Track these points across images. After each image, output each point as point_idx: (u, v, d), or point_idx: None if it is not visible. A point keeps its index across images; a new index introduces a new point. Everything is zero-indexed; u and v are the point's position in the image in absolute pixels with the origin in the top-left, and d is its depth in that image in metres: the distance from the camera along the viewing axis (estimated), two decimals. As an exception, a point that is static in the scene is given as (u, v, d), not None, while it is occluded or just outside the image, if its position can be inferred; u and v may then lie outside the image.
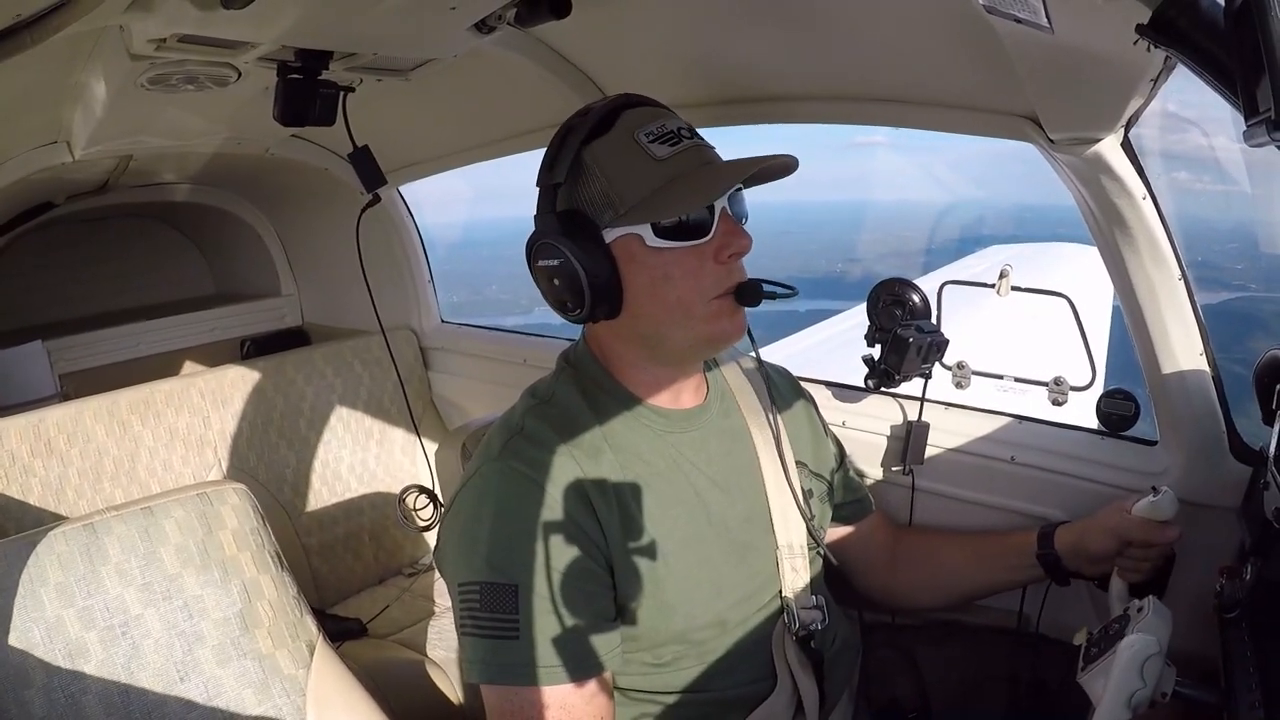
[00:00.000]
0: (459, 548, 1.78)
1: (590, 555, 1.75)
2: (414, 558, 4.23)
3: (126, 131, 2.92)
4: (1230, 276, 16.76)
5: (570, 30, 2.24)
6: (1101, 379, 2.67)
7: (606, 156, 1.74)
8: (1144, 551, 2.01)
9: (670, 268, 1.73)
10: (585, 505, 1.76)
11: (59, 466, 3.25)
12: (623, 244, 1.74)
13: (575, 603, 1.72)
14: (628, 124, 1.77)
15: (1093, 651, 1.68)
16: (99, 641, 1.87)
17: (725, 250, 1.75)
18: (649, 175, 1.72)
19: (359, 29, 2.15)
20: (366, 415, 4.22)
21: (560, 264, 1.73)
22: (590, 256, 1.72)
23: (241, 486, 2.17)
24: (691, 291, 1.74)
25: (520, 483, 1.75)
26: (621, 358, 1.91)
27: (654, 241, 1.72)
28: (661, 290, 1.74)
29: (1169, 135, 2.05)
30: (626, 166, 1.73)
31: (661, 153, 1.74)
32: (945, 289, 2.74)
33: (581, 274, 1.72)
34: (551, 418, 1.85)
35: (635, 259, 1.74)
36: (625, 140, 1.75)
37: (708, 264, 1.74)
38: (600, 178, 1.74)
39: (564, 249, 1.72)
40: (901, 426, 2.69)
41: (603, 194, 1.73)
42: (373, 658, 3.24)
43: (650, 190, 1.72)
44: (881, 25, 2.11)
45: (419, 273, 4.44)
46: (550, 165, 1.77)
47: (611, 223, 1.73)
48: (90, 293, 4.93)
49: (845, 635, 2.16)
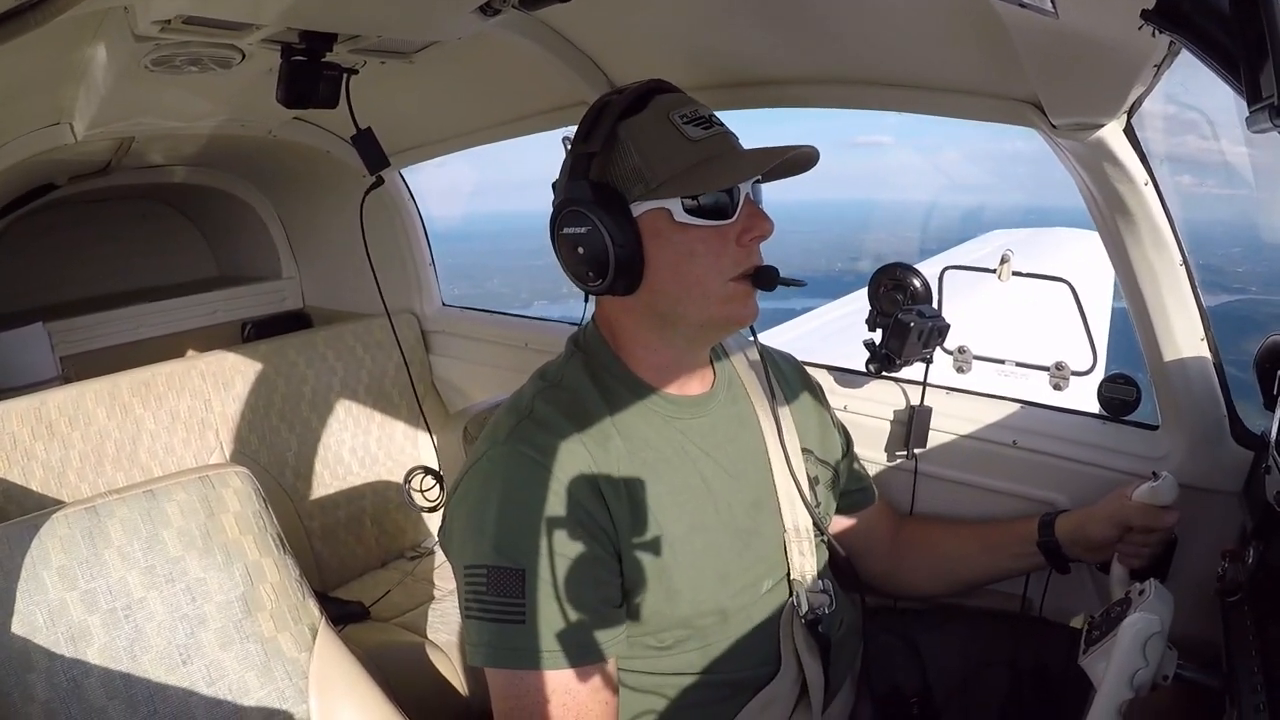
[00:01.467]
0: (466, 530, 1.78)
1: (598, 541, 1.75)
2: (416, 541, 4.23)
3: (129, 113, 2.92)
4: (1231, 279, 16.79)
5: (574, 13, 2.24)
6: (1103, 364, 2.67)
7: (641, 132, 1.75)
8: (1145, 537, 2.02)
9: (695, 244, 1.74)
10: (593, 491, 1.76)
11: (60, 449, 3.25)
12: (650, 219, 1.74)
13: (582, 588, 1.72)
14: (661, 105, 1.78)
15: (1094, 634, 1.69)
16: (101, 625, 1.88)
17: (748, 233, 1.76)
18: (682, 153, 1.73)
19: (363, 11, 2.15)
20: (368, 398, 4.22)
21: (587, 232, 1.74)
22: (618, 226, 1.72)
23: (243, 469, 2.17)
24: (712, 270, 1.75)
25: (528, 467, 1.75)
26: (633, 338, 1.91)
27: (682, 217, 1.72)
28: (684, 266, 1.75)
29: (1172, 139, 2.05)
30: (660, 143, 1.74)
31: (695, 134, 1.75)
32: (946, 274, 2.74)
33: (609, 243, 1.72)
34: (561, 402, 1.85)
35: (661, 234, 1.74)
36: (660, 118, 1.76)
37: (730, 245, 1.75)
38: (633, 153, 1.74)
39: (593, 217, 1.72)
40: (904, 411, 2.69)
41: (634, 169, 1.74)
42: (375, 641, 3.24)
43: (683, 167, 1.72)
44: (885, 10, 2.10)
45: (420, 256, 4.44)
46: (586, 135, 1.78)
47: (641, 196, 1.73)
48: (91, 274, 4.93)
49: (850, 620, 2.16)
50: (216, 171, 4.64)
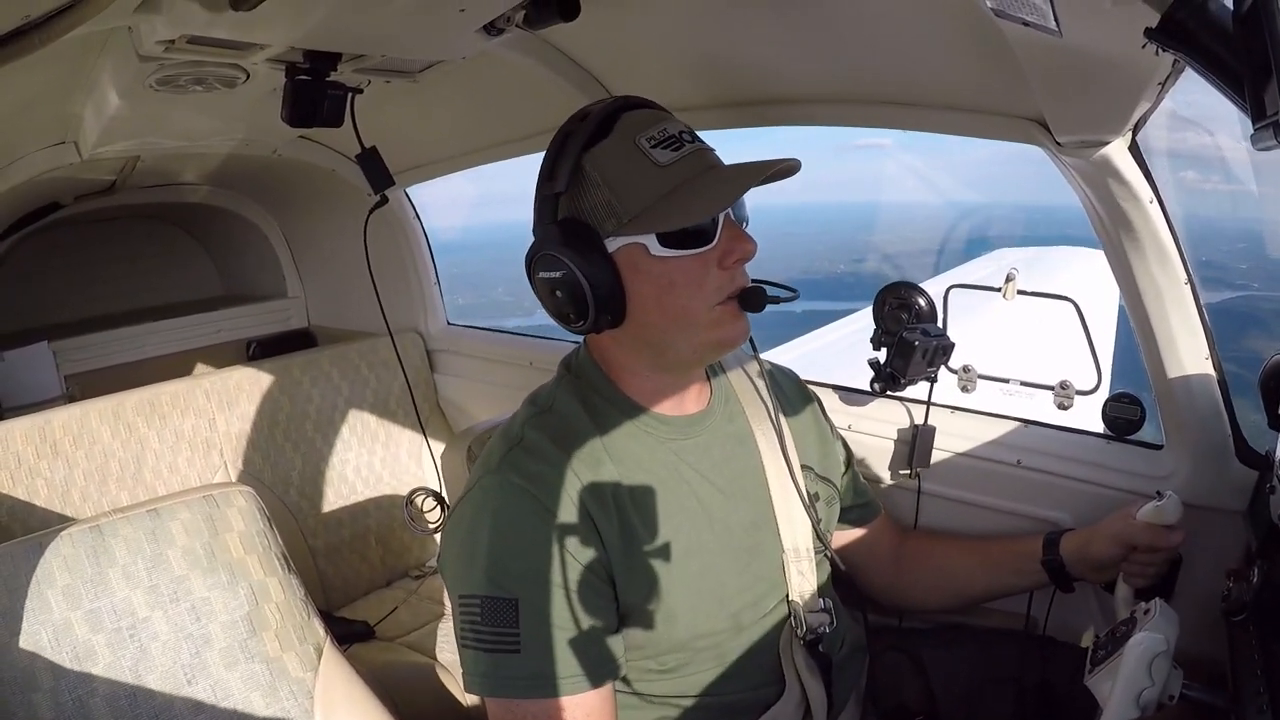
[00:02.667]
0: (459, 560, 1.77)
1: (591, 568, 1.74)
2: (421, 560, 4.23)
3: (135, 132, 2.92)
4: (1235, 276, 16.82)
5: (578, 33, 2.24)
6: (1107, 383, 2.67)
7: (608, 163, 1.72)
8: (1149, 556, 2.01)
9: (674, 275, 1.71)
10: (585, 518, 1.75)
11: (65, 468, 3.25)
12: (626, 253, 1.72)
13: (577, 616, 1.72)
14: (628, 128, 1.75)
15: (1100, 654, 1.69)
16: (106, 644, 1.88)
17: (730, 256, 1.73)
18: (652, 183, 1.70)
19: (368, 31, 2.15)
20: (372, 418, 4.22)
21: (562, 275, 1.71)
22: (593, 267, 1.70)
23: (248, 489, 2.17)
24: (696, 299, 1.73)
25: (518, 497, 1.74)
26: (624, 366, 1.90)
27: (659, 251, 1.70)
28: (666, 299, 1.73)
29: (1174, 134, 2.05)
30: (629, 174, 1.71)
31: (664, 158, 1.71)
32: (951, 293, 2.74)
33: (585, 285, 1.70)
34: (551, 427, 1.84)
35: (639, 268, 1.72)
36: (627, 146, 1.73)
37: (711, 270, 1.73)
38: (602, 186, 1.72)
39: (566, 260, 1.69)
40: (908, 430, 2.69)
41: (605, 203, 1.71)
42: (380, 660, 3.24)
43: (654, 198, 1.70)
44: (889, 28, 2.11)
45: (425, 275, 4.43)
46: (550, 174, 1.75)
47: (614, 231, 1.71)
48: (96, 293, 4.94)
49: (853, 639, 2.15)
50: (222, 191, 4.64)
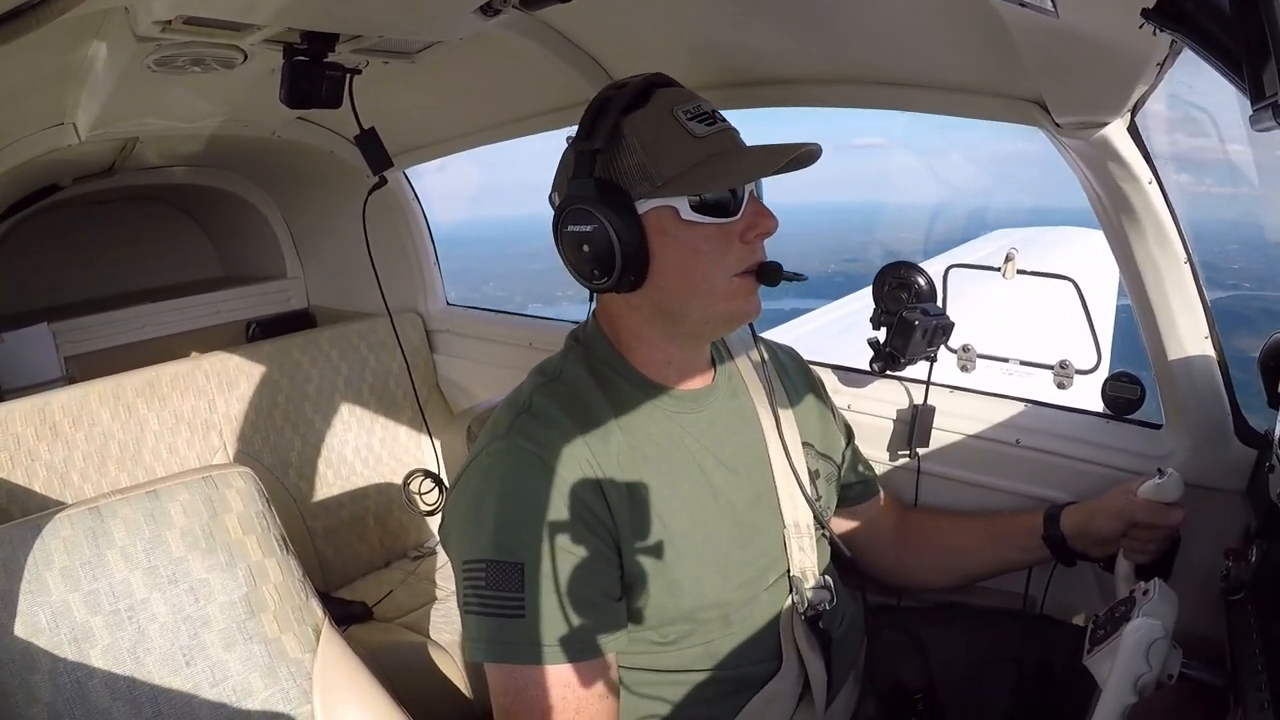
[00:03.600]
0: (465, 526, 1.78)
1: (597, 535, 1.75)
2: (419, 541, 4.23)
3: (132, 113, 2.92)
4: (1226, 275, 16.89)
5: (576, 13, 2.24)
6: (1107, 362, 2.67)
7: (645, 128, 1.74)
8: (1150, 533, 2.02)
9: (700, 242, 1.74)
10: (593, 485, 1.76)
11: (64, 450, 3.26)
12: (655, 216, 1.73)
13: (581, 583, 1.72)
14: (664, 100, 1.77)
15: (1099, 634, 1.69)
16: (105, 625, 1.88)
17: (753, 230, 1.76)
18: (688, 150, 1.73)
19: (365, 11, 2.15)
20: (372, 398, 4.22)
21: (594, 230, 1.72)
22: (625, 225, 1.71)
23: (247, 470, 2.17)
24: (717, 267, 1.75)
25: (527, 461, 1.74)
26: (636, 334, 1.91)
27: (689, 215, 1.72)
28: (689, 264, 1.75)
29: (1169, 136, 2.05)
30: (665, 140, 1.73)
31: (699, 130, 1.74)
32: (951, 272, 2.73)
33: (615, 241, 1.71)
34: (560, 396, 1.85)
35: (667, 232, 1.73)
36: (664, 115, 1.75)
37: (734, 243, 1.76)
38: (638, 149, 1.73)
39: (600, 215, 1.71)
40: (907, 410, 2.69)
41: (639, 166, 1.73)
42: (378, 641, 3.24)
43: (689, 164, 1.72)
44: (888, 9, 2.10)
45: (425, 255, 4.44)
46: (589, 132, 1.76)
47: (646, 194, 1.72)
48: (95, 275, 4.94)
49: (853, 616, 2.16)
50: (220, 172, 4.64)
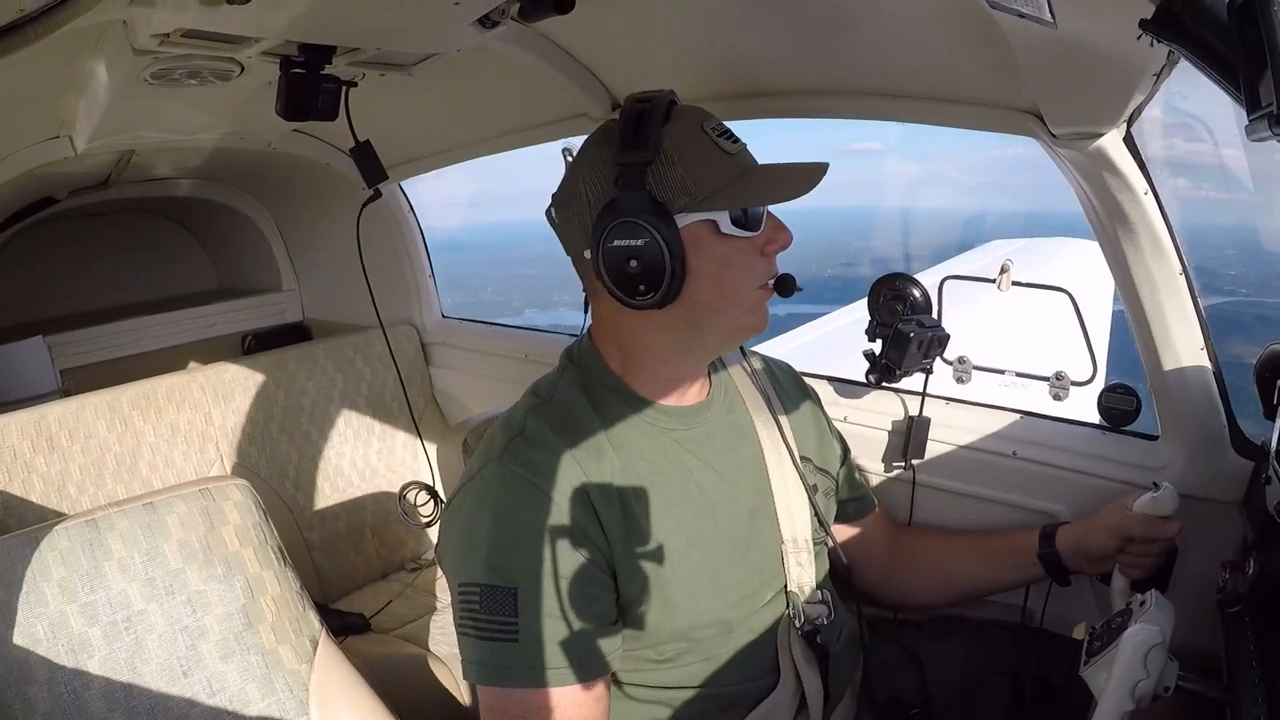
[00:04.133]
0: (459, 548, 1.78)
1: (591, 558, 1.75)
2: (416, 553, 4.22)
3: (129, 126, 2.92)
4: (1223, 281, 16.93)
5: (573, 25, 2.24)
6: (1103, 374, 2.67)
7: (683, 143, 1.74)
8: (1146, 547, 2.02)
9: (733, 255, 1.76)
10: (587, 508, 1.76)
11: (60, 462, 3.25)
12: (692, 230, 1.72)
13: (575, 606, 1.72)
14: (691, 116, 1.78)
15: (1095, 645, 1.69)
16: (102, 637, 1.88)
17: (773, 244, 1.80)
18: (724, 165, 1.74)
19: (362, 23, 2.15)
20: (368, 411, 4.22)
21: (644, 244, 1.69)
22: (674, 238, 1.70)
23: (243, 482, 2.18)
24: (746, 280, 1.78)
25: (520, 486, 1.74)
26: (647, 349, 1.89)
27: (728, 229, 1.73)
28: (724, 276, 1.76)
29: (1165, 140, 2.06)
30: (701, 155, 1.74)
31: (729, 147, 1.77)
32: (946, 284, 2.74)
33: (666, 256, 1.69)
34: (553, 417, 1.84)
35: (703, 245, 1.73)
36: (695, 130, 1.76)
37: (756, 256, 1.79)
38: (677, 164, 1.72)
39: (652, 229, 1.69)
40: (902, 421, 2.69)
41: (679, 179, 1.71)
42: (376, 653, 3.23)
43: (726, 180, 1.73)
44: (886, 21, 2.11)
45: (420, 268, 4.44)
46: (636, 142, 1.72)
47: (686, 208, 1.72)
48: (92, 287, 4.93)
49: (850, 631, 2.16)
50: (216, 184, 4.64)
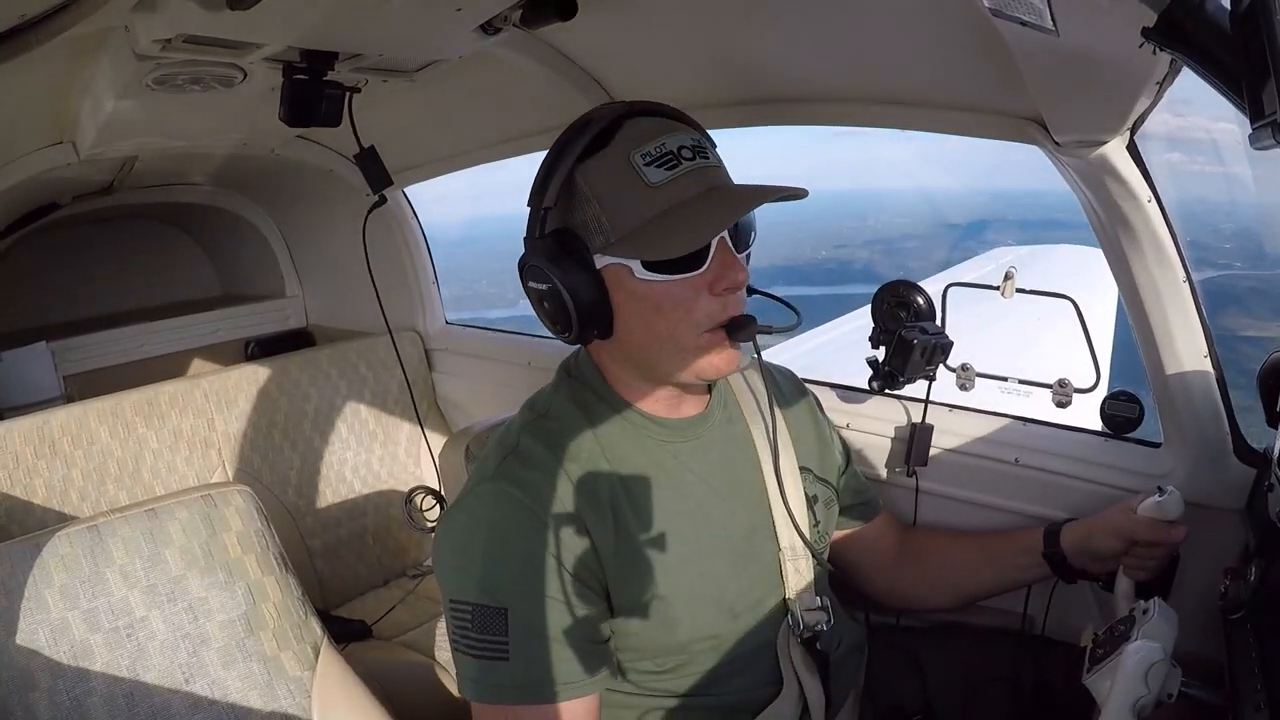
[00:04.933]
0: (451, 564, 1.77)
1: (582, 579, 1.74)
2: (418, 560, 4.23)
3: (132, 132, 2.92)
4: (1217, 255, 16.97)
5: (576, 32, 2.24)
6: (1106, 381, 2.67)
7: (599, 179, 1.69)
8: (1150, 551, 2.01)
9: (660, 300, 1.69)
10: (579, 526, 1.74)
11: (63, 468, 3.25)
12: (613, 271, 1.70)
13: (566, 626, 1.71)
14: (625, 141, 1.70)
15: (1098, 653, 1.69)
16: (104, 644, 1.88)
17: (719, 284, 1.70)
18: (641, 204, 1.67)
19: (364, 30, 2.15)
20: (371, 417, 4.22)
21: (548, 289, 1.71)
22: (578, 281, 1.69)
23: (245, 488, 2.17)
24: (682, 324, 1.71)
25: (512, 507, 1.73)
26: (618, 377, 1.90)
27: (643, 274, 1.67)
28: (652, 321, 1.71)
29: (1154, 116, 2.05)
30: (618, 192, 1.68)
31: (656, 178, 1.67)
32: (950, 291, 2.73)
33: (568, 300, 1.69)
34: (548, 434, 1.83)
35: (625, 287, 1.70)
36: (620, 162, 1.68)
37: (702, 296, 1.70)
38: (592, 202, 1.69)
39: (551, 274, 1.68)
40: (905, 428, 2.68)
41: (594, 219, 1.69)
42: (378, 659, 3.24)
43: (641, 221, 1.67)
44: (888, 28, 2.11)
45: (424, 274, 4.44)
46: (542, 187, 1.72)
47: (601, 249, 1.69)
48: (94, 294, 4.93)
49: (851, 637, 2.15)
50: (219, 190, 4.65)
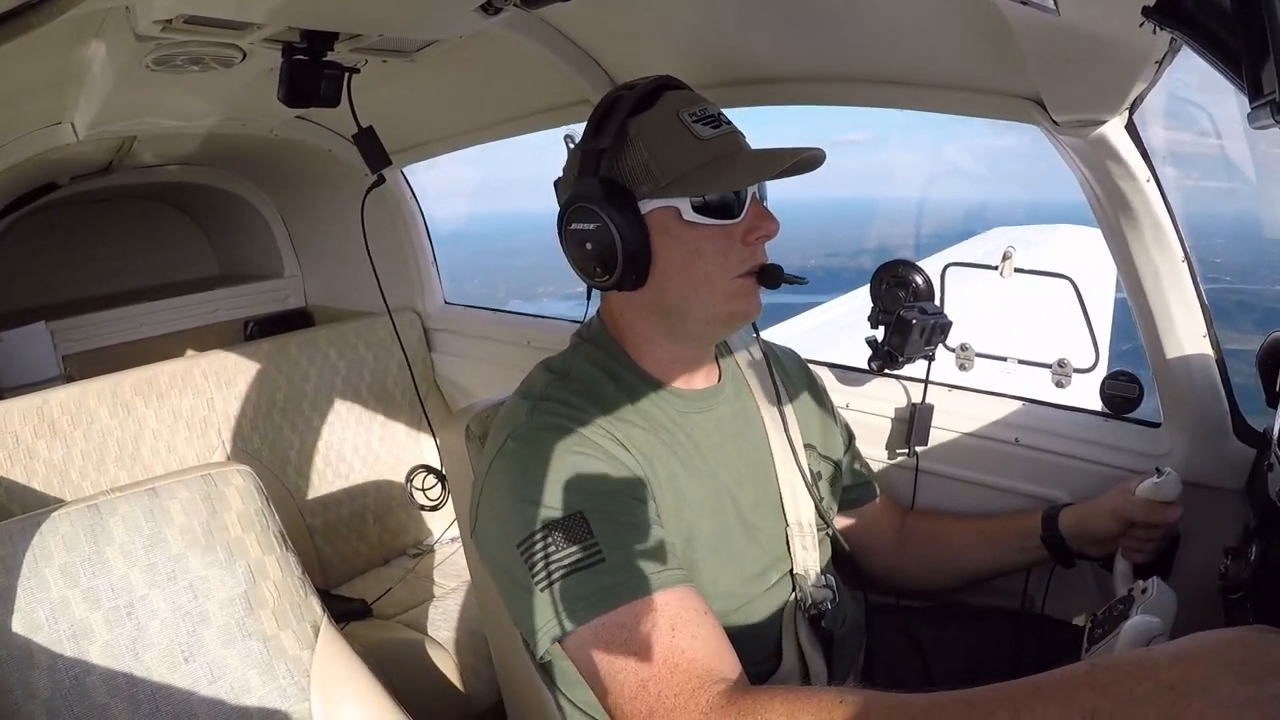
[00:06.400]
0: (509, 511, 1.72)
1: (638, 490, 1.74)
2: (418, 539, 4.24)
3: (131, 112, 2.92)
4: (1207, 269, 17.00)
5: (576, 11, 2.24)
6: (1105, 361, 2.67)
7: (651, 130, 1.76)
8: (1148, 532, 2.02)
9: (702, 243, 1.75)
10: (625, 453, 1.76)
11: (62, 448, 3.26)
12: (658, 216, 1.75)
13: (643, 520, 1.69)
14: (671, 102, 1.79)
15: (1096, 632, 1.69)
16: (104, 622, 1.88)
17: (754, 233, 1.77)
18: (692, 152, 1.74)
19: (364, 9, 2.15)
20: (370, 397, 4.23)
21: (596, 229, 1.74)
22: (628, 224, 1.73)
23: (246, 468, 2.17)
24: (719, 268, 1.76)
25: (558, 433, 1.73)
26: (639, 334, 1.91)
27: (690, 216, 1.73)
28: (692, 264, 1.76)
29: (1153, 130, 2.06)
30: (670, 141, 1.75)
31: (705, 133, 1.76)
32: (949, 271, 2.73)
33: (617, 240, 1.73)
34: (574, 390, 1.84)
35: (669, 232, 1.75)
36: (669, 117, 1.77)
37: (735, 244, 1.77)
38: (643, 149, 1.75)
39: (603, 214, 1.72)
40: (905, 409, 2.69)
41: (643, 166, 1.74)
42: (377, 638, 3.25)
43: (693, 166, 1.73)
44: (887, 7, 2.10)
45: (422, 254, 4.44)
46: (595, 130, 1.78)
47: (650, 194, 1.74)
48: (94, 274, 4.94)
49: (854, 616, 2.17)
50: (218, 170, 4.65)
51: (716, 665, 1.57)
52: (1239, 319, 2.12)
